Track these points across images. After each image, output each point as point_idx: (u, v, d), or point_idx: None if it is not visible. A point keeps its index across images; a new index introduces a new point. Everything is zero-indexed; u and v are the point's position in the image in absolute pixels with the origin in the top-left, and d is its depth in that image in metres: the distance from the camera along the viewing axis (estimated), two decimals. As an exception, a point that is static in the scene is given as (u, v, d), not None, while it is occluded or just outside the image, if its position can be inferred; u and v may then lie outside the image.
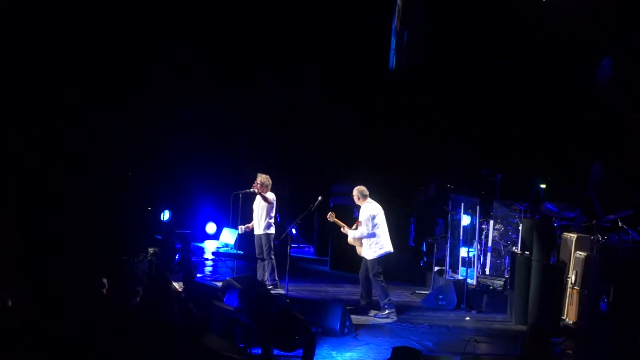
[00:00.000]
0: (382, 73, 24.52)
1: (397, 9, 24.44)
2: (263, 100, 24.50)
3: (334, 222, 16.88)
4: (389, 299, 16.25)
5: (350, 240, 16.55)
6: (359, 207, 16.71)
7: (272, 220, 18.03)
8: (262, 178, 17.98)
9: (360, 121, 23.86)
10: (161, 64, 22.63)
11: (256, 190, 17.88)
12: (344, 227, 16.65)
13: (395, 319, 16.02)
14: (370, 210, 16.28)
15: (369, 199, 16.43)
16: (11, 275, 11.90)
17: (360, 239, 16.32)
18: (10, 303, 10.79)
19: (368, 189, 16.67)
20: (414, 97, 23.18)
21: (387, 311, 16.11)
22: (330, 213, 16.94)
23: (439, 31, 22.74)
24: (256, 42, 24.07)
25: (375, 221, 16.21)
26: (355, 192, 16.50)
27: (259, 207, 18.01)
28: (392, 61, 24.51)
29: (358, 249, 16.48)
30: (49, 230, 14.80)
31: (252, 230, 18.14)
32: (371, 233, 16.18)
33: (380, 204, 16.54)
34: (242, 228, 18.18)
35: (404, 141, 22.85)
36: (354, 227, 16.45)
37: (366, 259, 16.29)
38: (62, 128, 18.41)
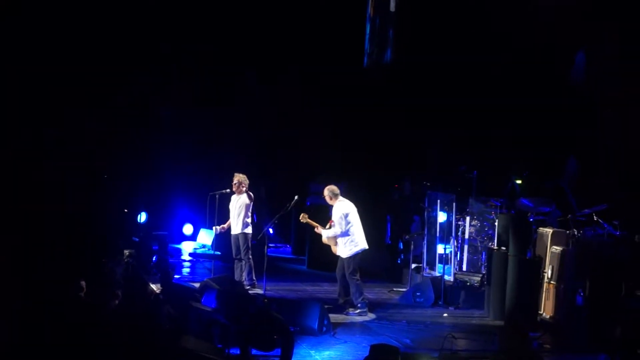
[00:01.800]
0: (357, 70, 24.56)
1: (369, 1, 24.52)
2: (239, 99, 24.47)
3: (307, 223, 16.89)
4: (363, 298, 16.28)
5: (324, 239, 16.56)
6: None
7: (250, 220, 18.02)
8: (239, 177, 17.98)
9: (335, 119, 23.86)
10: (139, 64, 22.59)
11: (241, 189, 17.88)
12: (317, 227, 16.68)
13: (367, 317, 16.06)
14: (343, 209, 16.29)
15: (340, 198, 16.44)
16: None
17: (334, 238, 16.34)
18: None
19: (343, 187, 16.71)
20: (389, 94, 23.23)
21: (358, 310, 16.14)
22: (302, 214, 16.95)
23: (413, 24, 22.80)
24: (234, 41, 24.07)
25: (348, 219, 16.22)
26: (326, 192, 16.51)
27: (236, 206, 18.00)
28: (366, 55, 24.56)
29: (333, 248, 16.50)
30: (27, 234, 14.75)
31: (229, 230, 18.13)
32: (345, 231, 16.19)
33: (356, 202, 16.57)
34: (217, 228, 18.16)
35: (379, 139, 22.87)
36: (327, 226, 16.47)
37: (342, 258, 16.32)
38: (39, 129, 18.35)
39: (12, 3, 17.94)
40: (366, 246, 16.40)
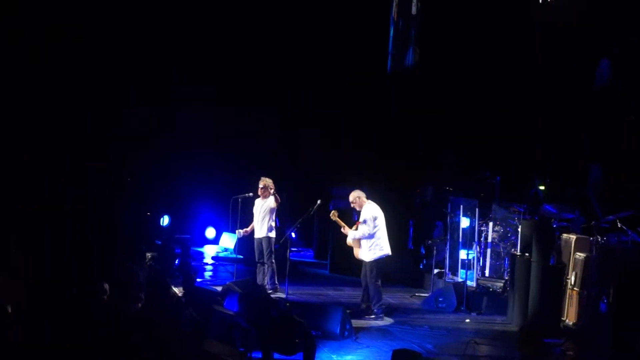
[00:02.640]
0: (380, 75, 24.54)
1: (394, 2, 24.53)
2: (262, 103, 24.49)
3: (335, 221, 16.85)
4: (382, 304, 16.27)
5: (349, 241, 16.55)
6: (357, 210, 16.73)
7: (273, 224, 18.04)
8: (265, 181, 18.00)
9: (358, 123, 23.86)
10: (160, 68, 22.66)
11: (263, 193, 17.92)
12: (344, 227, 16.64)
13: (384, 321, 16.04)
14: (372, 212, 16.30)
15: (368, 201, 16.45)
16: (11, 282, 11.92)
17: (360, 239, 16.32)
18: (9, 309, 10.81)
19: (365, 192, 16.69)
20: (412, 99, 23.22)
21: (374, 315, 16.13)
22: (333, 212, 16.91)
23: (437, 29, 22.78)
24: (253, 44, 24.10)
25: (377, 222, 16.23)
26: (352, 197, 16.50)
27: (261, 210, 18.01)
28: (390, 57, 24.56)
29: (356, 251, 16.47)
30: (51, 237, 14.83)
31: (252, 234, 18.14)
32: (372, 234, 16.19)
33: (379, 206, 16.56)
34: (240, 232, 18.19)
35: (402, 143, 22.85)
36: (353, 227, 16.46)
37: (365, 262, 16.30)
38: (62, 134, 18.44)
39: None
40: (389, 252, 16.40)
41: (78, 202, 17.76)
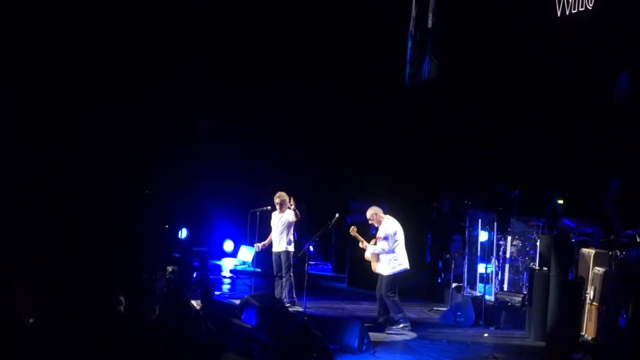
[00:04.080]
0: (397, 89, 24.55)
1: (412, 17, 24.59)
2: (281, 116, 24.53)
3: (354, 237, 16.84)
4: (404, 314, 16.27)
5: (367, 255, 16.55)
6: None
7: (292, 237, 18.05)
8: (281, 196, 18.01)
9: (376, 137, 23.85)
10: (179, 80, 22.71)
11: (280, 208, 17.93)
12: (362, 241, 16.65)
13: (409, 333, 16.03)
14: (392, 227, 16.32)
15: (387, 216, 16.46)
16: (32, 293, 11.95)
17: (378, 254, 16.33)
18: (30, 321, 10.84)
19: (384, 206, 16.69)
20: (430, 113, 23.20)
21: (401, 325, 16.13)
22: (352, 227, 16.91)
23: (455, 43, 22.78)
24: (273, 56, 24.14)
25: (396, 237, 16.25)
26: (369, 214, 16.52)
27: (279, 224, 18.02)
28: (408, 68, 24.59)
29: (373, 265, 16.47)
30: (69, 248, 14.86)
31: (269, 247, 18.16)
32: (391, 249, 16.20)
33: (397, 219, 16.57)
34: (258, 246, 18.21)
35: (420, 157, 22.82)
36: (372, 242, 16.46)
37: (382, 275, 16.29)
38: (79, 145, 18.48)
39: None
40: (408, 266, 16.40)
41: (97, 213, 17.78)
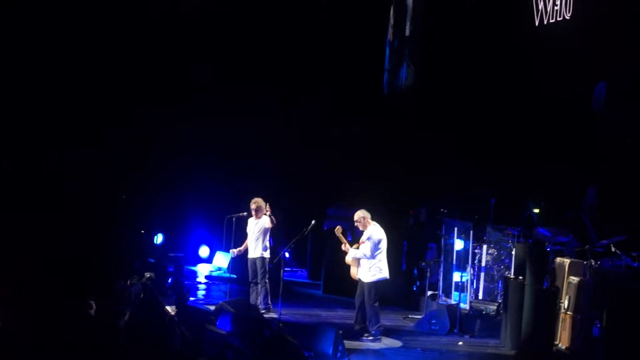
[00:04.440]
0: (375, 95, 24.61)
1: (390, 24, 24.70)
2: (257, 122, 24.49)
3: (338, 237, 16.77)
4: (379, 325, 16.25)
5: (348, 259, 16.52)
6: (356, 230, 16.72)
7: (268, 244, 18.02)
8: (257, 202, 17.97)
9: (353, 144, 23.86)
10: (158, 88, 22.69)
11: (257, 215, 17.89)
12: (345, 244, 16.62)
13: (384, 340, 16.03)
14: (378, 234, 16.32)
15: (373, 223, 16.45)
16: (4, 297, 11.90)
17: (359, 259, 16.30)
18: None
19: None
20: (407, 120, 23.25)
21: (371, 337, 16.11)
22: (337, 227, 16.85)
23: (432, 51, 22.87)
24: (253, 63, 24.16)
25: (380, 245, 16.24)
26: (357, 216, 16.49)
27: (255, 230, 17.98)
28: (385, 75, 24.65)
29: (353, 270, 16.43)
30: (43, 253, 14.80)
31: (245, 253, 18.11)
32: (372, 255, 16.17)
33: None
34: (234, 252, 18.17)
35: (397, 165, 22.84)
36: (354, 246, 16.43)
37: (363, 282, 16.27)
38: (60, 151, 18.45)
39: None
40: (388, 276, 16.40)
41: (73, 217, 17.72)
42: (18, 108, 18.48)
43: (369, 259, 16.21)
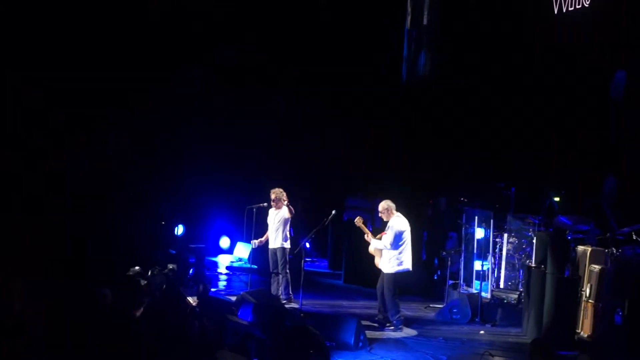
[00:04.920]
0: (394, 85, 24.57)
1: (407, 12, 24.67)
2: (277, 113, 24.51)
3: (359, 227, 16.79)
4: (400, 315, 16.26)
5: (371, 249, 16.52)
6: (376, 220, 16.72)
7: (289, 234, 18.06)
8: (276, 192, 18.01)
9: (372, 135, 23.86)
10: (174, 78, 22.71)
11: (276, 205, 17.91)
12: (368, 234, 16.63)
13: (405, 330, 16.06)
14: (401, 226, 16.29)
15: (397, 214, 16.43)
16: (27, 290, 11.99)
17: (381, 250, 16.30)
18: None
19: (379, 203, 16.68)
20: (427, 109, 23.22)
21: (393, 327, 16.13)
22: (358, 217, 16.86)
23: (451, 40, 22.81)
24: (266, 54, 24.17)
25: (403, 236, 16.22)
26: (382, 207, 16.48)
27: (275, 220, 18.02)
28: (404, 70, 24.62)
29: (377, 260, 16.44)
30: (62, 242, 14.89)
31: (266, 244, 18.15)
32: (395, 246, 16.16)
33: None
34: (255, 242, 18.21)
35: (416, 154, 22.83)
36: (378, 237, 16.44)
37: (383, 273, 16.28)
38: (78, 143, 18.51)
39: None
40: (410, 267, 16.37)
41: (93, 210, 17.82)
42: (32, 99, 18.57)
43: (390, 249, 16.20)
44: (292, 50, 24.32)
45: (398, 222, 16.34)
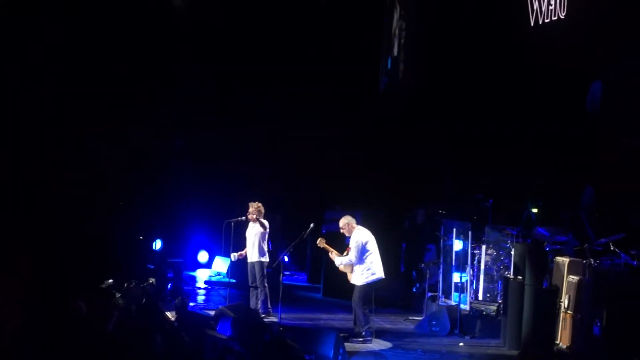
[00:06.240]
0: (372, 97, 24.63)
1: (386, 23, 24.70)
2: (255, 125, 24.51)
3: (323, 248, 16.84)
4: (369, 326, 16.22)
5: (341, 267, 16.51)
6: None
7: (266, 248, 18.02)
8: (254, 206, 17.99)
9: (351, 146, 23.89)
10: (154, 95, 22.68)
11: (252, 218, 17.88)
12: (332, 251, 16.64)
13: (384, 343, 16.05)
14: (361, 237, 16.27)
15: (358, 226, 16.43)
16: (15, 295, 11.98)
17: (350, 265, 16.30)
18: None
19: (359, 216, 16.67)
20: (405, 122, 23.26)
21: (362, 338, 16.08)
22: (320, 239, 16.91)
23: (431, 49, 22.91)
24: (243, 64, 24.18)
25: (367, 247, 16.21)
26: (342, 223, 16.51)
27: (252, 234, 18.00)
28: (383, 79, 24.66)
29: (349, 276, 16.44)
30: (40, 254, 14.83)
31: (245, 258, 18.11)
32: (361, 260, 16.15)
33: (371, 230, 16.56)
34: (235, 255, 18.15)
35: (395, 166, 22.88)
36: (345, 253, 16.43)
37: (355, 285, 16.28)
38: (58, 150, 18.42)
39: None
40: (382, 275, 16.36)
41: (70, 223, 17.73)
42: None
43: (359, 263, 16.20)
44: (269, 59, 24.34)
45: (359, 235, 16.34)
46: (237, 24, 24.38)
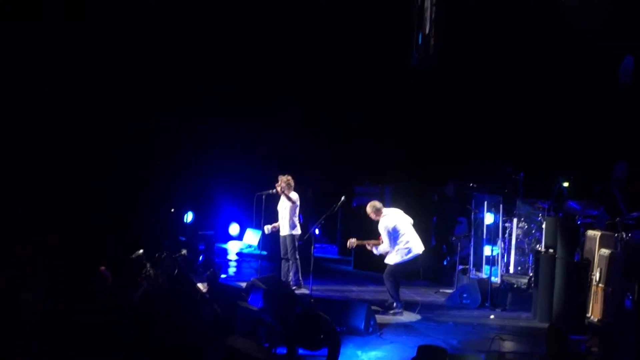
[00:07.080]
0: (402, 71, 24.58)
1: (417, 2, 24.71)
2: (288, 100, 24.53)
3: (357, 246, 16.88)
4: (401, 299, 16.26)
5: (379, 252, 16.54)
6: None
7: (297, 221, 18.07)
8: (283, 179, 18.01)
9: (381, 121, 23.87)
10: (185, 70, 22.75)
11: (279, 190, 17.90)
12: (368, 243, 16.65)
13: (416, 315, 16.08)
14: (388, 223, 16.21)
15: (384, 212, 16.36)
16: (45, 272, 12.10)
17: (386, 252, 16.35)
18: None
19: (388, 190, 16.66)
20: (435, 94, 23.21)
21: (393, 311, 16.13)
22: (349, 241, 16.83)
23: (460, 28, 22.81)
24: (275, 43, 24.18)
25: (398, 229, 16.18)
26: (368, 209, 16.46)
27: (283, 208, 18.05)
28: (414, 55, 24.63)
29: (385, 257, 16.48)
30: (69, 231, 14.93)
31: (278, 230, 18.16)
32: (395, 243, 16.14)
33: (400, 204, 16.57)
34: (268, 228, 18.19)
35: (425, 140, 22.84)
36: (379, 241, 16.45)
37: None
38: (88, 134, 18.52)
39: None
40: (419, 252, 16.34)
41: (101, 198, 17.82)
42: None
43: (392, 247, 16.21)
44: (301, 37, 24.35)
45: (385, 221, 16.27)
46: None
